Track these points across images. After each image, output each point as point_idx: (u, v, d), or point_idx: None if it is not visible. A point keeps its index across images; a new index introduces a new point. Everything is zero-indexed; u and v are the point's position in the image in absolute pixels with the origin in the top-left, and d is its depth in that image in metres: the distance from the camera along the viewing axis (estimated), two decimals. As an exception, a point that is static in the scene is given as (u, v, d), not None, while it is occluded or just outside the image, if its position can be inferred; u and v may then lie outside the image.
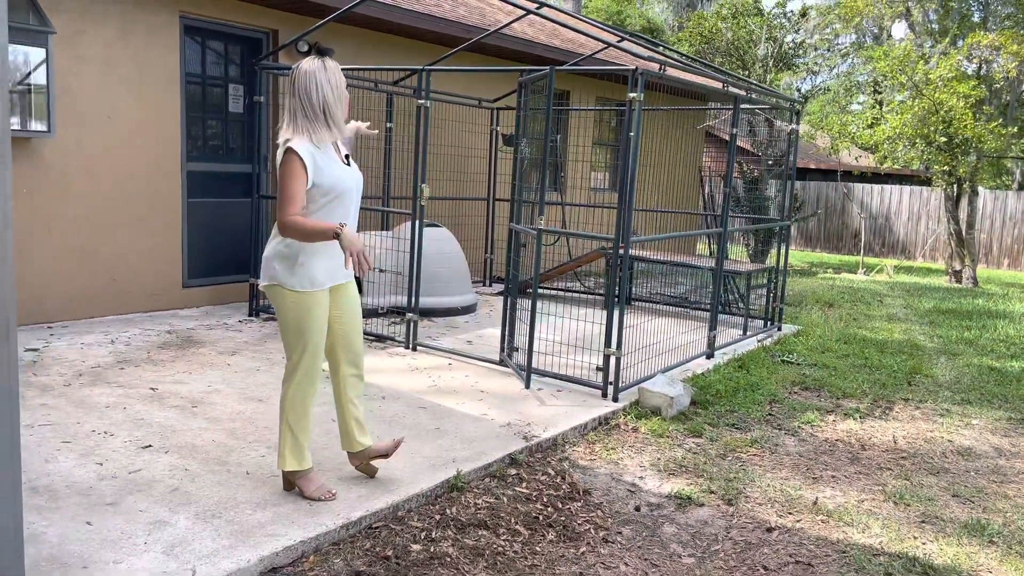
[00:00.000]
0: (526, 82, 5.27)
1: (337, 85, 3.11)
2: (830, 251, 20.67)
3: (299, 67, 3.10)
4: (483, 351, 6.02)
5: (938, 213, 20.00)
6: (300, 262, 3.10)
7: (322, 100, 3.06)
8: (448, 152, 9.19)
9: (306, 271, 3.10)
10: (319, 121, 3.07)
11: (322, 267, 3.14)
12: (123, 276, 6.50)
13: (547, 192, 5.02)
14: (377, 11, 7.51)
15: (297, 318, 3.13)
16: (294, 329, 3.16)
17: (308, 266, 3.10)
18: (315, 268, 3.11)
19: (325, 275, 3.15)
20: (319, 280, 3.14)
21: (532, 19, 12.41)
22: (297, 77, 3.08)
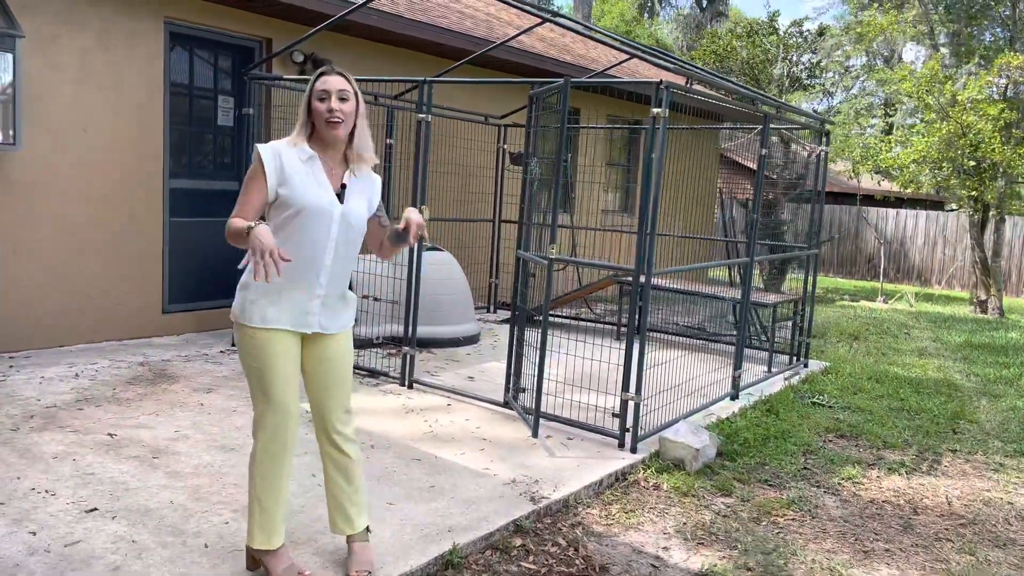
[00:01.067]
0: (538, 95, 4.77)
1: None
2: (844, 276, 20.11)
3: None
4: (486, 389, 5.49)
5: (955, 238, 19.44)
6: (248, 298, 2.64)
7: (304, 110, 2.69)
8: (452, 171, 8.70)
9: (258, 308, 2.63)
10: (305, 131, 2.68)
11: (280, 308, 2.65)
12: (96, 301, 5.99)
13: (558, 215, 4.54)
14: (378, 21, 7.05)
15: (253, 361, 2.65)
16: (253, 374, 2.66)
17: (260, 303, 2.63)
18: (269, 307, 2.64)
19: (285, 317, 2.66)
20: (272, 320, 2.64)
21: (542, 35, 11.98)
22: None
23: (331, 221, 2.63)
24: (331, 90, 2.63)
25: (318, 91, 2.63)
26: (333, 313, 2.75)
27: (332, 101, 2.62)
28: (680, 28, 37.40)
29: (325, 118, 2.61)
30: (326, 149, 2.69)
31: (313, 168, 2.63)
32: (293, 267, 2.57)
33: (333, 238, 2.65)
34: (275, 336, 2.63)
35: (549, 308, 4.82)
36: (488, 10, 11.74)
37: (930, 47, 13.74)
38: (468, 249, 8.93)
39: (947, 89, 10.34)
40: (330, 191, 2.64)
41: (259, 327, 2.62)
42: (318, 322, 2.71)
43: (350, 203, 2.69)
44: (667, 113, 4.30)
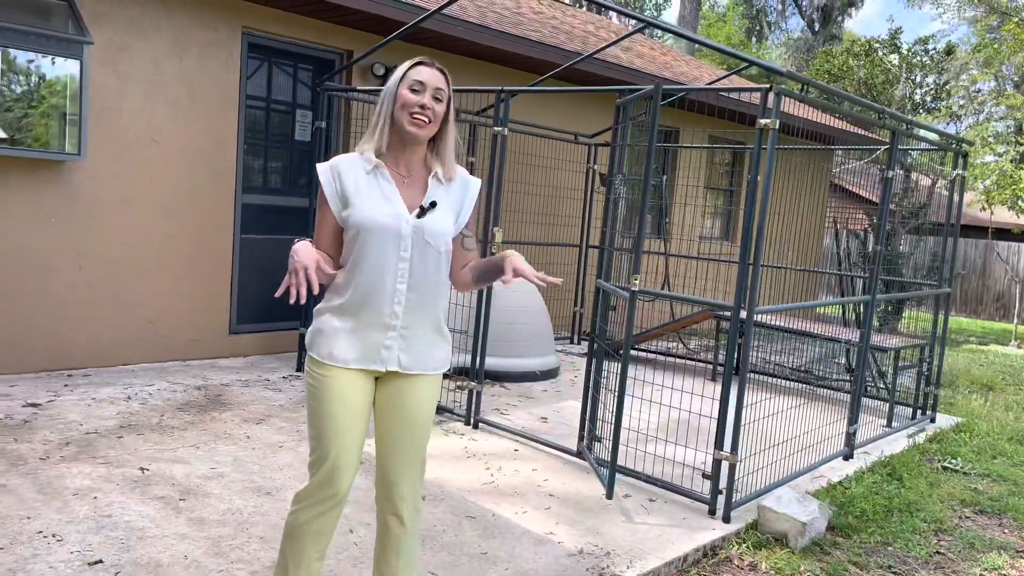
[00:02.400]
0: (625, 104, 4.22)
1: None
2: (968, 315, 18.44)
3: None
4: (560, 433, 4.92)
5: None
6: (319, 328, 2.27)
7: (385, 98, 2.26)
8: (537, 192, 8.21)
9: (326, 339, 2.25)
10: (377, 128, 2.26)
11: (351, 341, 2.24)
12: (161, 319, 5.77)
13: (650, 239, 3.99)
14: (464, 32, 6.67)
15: (313, 399, 2.25)
16: (311, 414, 2.26)
17: (328, 334, 2.25)
18: (339, 338, 2.23)
19: (355, 352, 2.24)
20: (340, 355, 2.23)
21: (641, 52, 11.41)
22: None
23: (400, 239, 2.20)
24: (428, 84, 2.21)
25: (412, 80, 2.21)
26: (418, 350, 2.28)
27: (426, 96, 2.20)
28: (790, 52, 35.98)
29: (411, 112, 2.19)
30: (402, 153, 2.26)
31: (379, 179, 2.23)
32: (362, 295, 2.20)
33: (406, 260, 2.21)
34: (341, 376, 2.22)
35: (634, 343, 4.26)
36: (586, 27, 11.28)
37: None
38: (552, 275, 8.40)
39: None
40: (398, 204, 2.21)
41: (325, 361, 2.23)
42: (396, 358, 2.26)
43: (428, 217, 2.24)
44: (777, 124, 3.66)
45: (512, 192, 7.87)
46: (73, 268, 5.34)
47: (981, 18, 20.41)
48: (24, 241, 5.12)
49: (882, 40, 14.79)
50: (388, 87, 2.22)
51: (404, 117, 2.18)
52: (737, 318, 3.82)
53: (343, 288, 2.22)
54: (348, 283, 2.20)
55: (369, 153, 2.22)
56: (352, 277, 2.20)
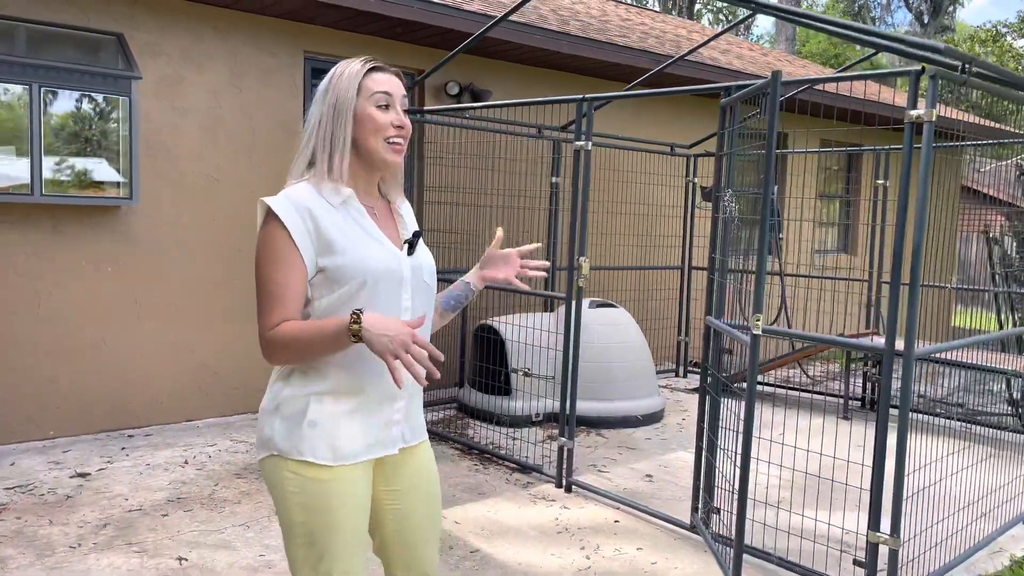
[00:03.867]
0: (732, 103, 3.49)
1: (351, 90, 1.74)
2: None
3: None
4: (668, 496, 4.18)
5: None
6: (310, 419, 1.69)
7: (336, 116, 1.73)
8: (632, 211, 7.49)
9: (323, 433, 1.69)
10: (333, 154, 1.73)
11: (355, 427, 1.73)
12: (227, 370, 5.37)
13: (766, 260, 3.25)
14: (542, 41, 6.07)
15: (306, 516, 1.69)
16: (300, 538, 1.70)
17: (325, 426, 1.70)
18: (340, 428, 1.71)
19: (362, 439, 1.74)
20: (347, 448, 1.71)
21: (740, 53, 10.54)
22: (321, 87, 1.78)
23: (401, 285, 1.75)
24: (395, 94, 1.75)
25: (374, 93, 1.72)
26: (414, 414, 1.87)
27: (397, 111, 1.75)
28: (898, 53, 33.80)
29: (387, 136, 1.73)
30: (365, 181, 1.80)
31: (352, 214, 1.73)
32: (363, 365, 1.70)
33: (408, 309, 1.77)
34: (347, 476, 1.71)
35: (740, 379, 3.52)
36: (677, 32, 10.52)
37: None
38: (651, 302, 7.63)
39: None
40: (387, 242, 1.76)
41: (324, 464, 1.69)
42: (401, 434, 1.82)
43: (419, 253, 1.82)
44: (934, 115, 2.86)
45: (603, 212, 7.19)
46: (132, 319, 4.99)
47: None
48: (80, 293, 4.81)
49: (1011, 24, 13.33)
50: (337, 100, 1.71)
51: (378, 144, 1.72)
52: (891, 362, 3.01)
53: (329, 362, 1.69)
54: (338, 357, 1.68)
55: (333, 184, 1.71)
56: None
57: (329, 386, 1.69)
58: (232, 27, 5.25)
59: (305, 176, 1.71)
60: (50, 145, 4.42)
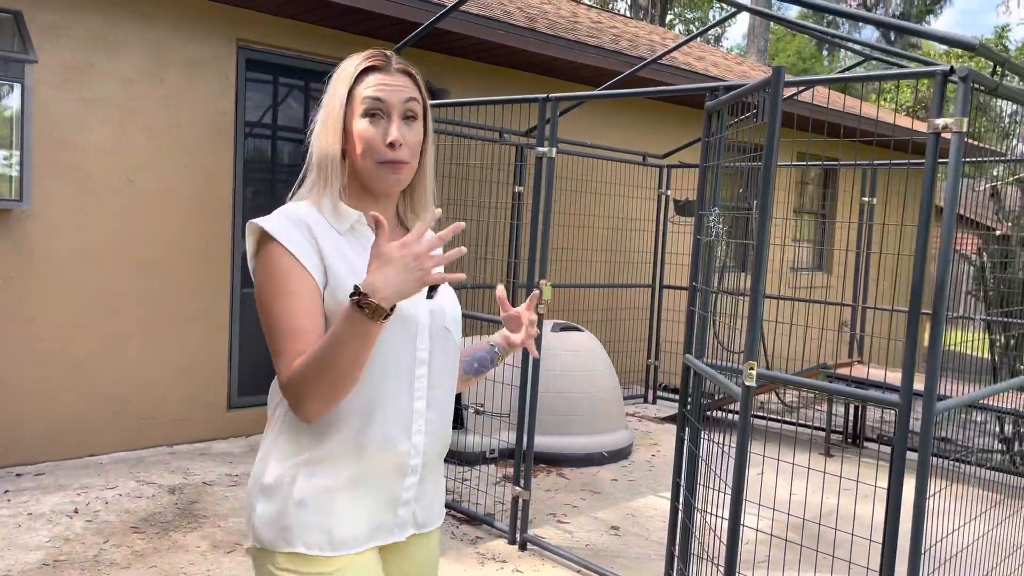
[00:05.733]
0: (720, 107, 2.98)
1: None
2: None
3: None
4: (637, 554, 3.64)
5: None
6: (298, 498, 1.34)
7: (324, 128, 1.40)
8: (602, 224, 6.99)
9: (315, 514, 1.35)
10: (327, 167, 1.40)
11: (356, 505, 1.37)
12: (137, 397, 4.74)
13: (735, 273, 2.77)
14: (506, 37, 5.54)
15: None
16: None
17: (317, 505, 1.34)
18: (337, 506, 1.35)
19: (365, 522, 1.39)
20: (347, 533, 1.37)
21: (713, 59, 10.13)
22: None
23: (417, 333, 1.41)
24: (391, 101, 1.39)
25: (366, 100, 1.38)
26: (430, 494, 1.51)
27: (394, 122, 1.38)
28: (864, 65, 34.07)
29: (380, 156, 1.37)
30: (372, 205, 1.44)
31: (363, 242, 1.41)
32: (364, 427, 1.35)
33: (424, 362, 1.42)
34: (353, 567, 1.36)
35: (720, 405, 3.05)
36: (651, 37, 10.08)
37: None
38: (619, 323, 7.12)
39: None
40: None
41: (324, 555, 1.34)
42: (412, 516, 1.46)
43: (441, 295, 1.49)
44: (964, 125, 2.37)
45: (571, 226, 6.67)
46: (26, 339, 4.34)
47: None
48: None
49: (987, 40, 13.12)
50: (328, 107, 1.39)
51: (368, 164, 1.37)
52: (908, 413, 2.53)
53: (326, 424, 1.34)
54: (335, 414, 1.34)
55: (334, 205, 1.39)
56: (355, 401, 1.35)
57: (326, 450, 1.33)
58: (155, 9, 4.64)
59: (307, 191, 1.41)
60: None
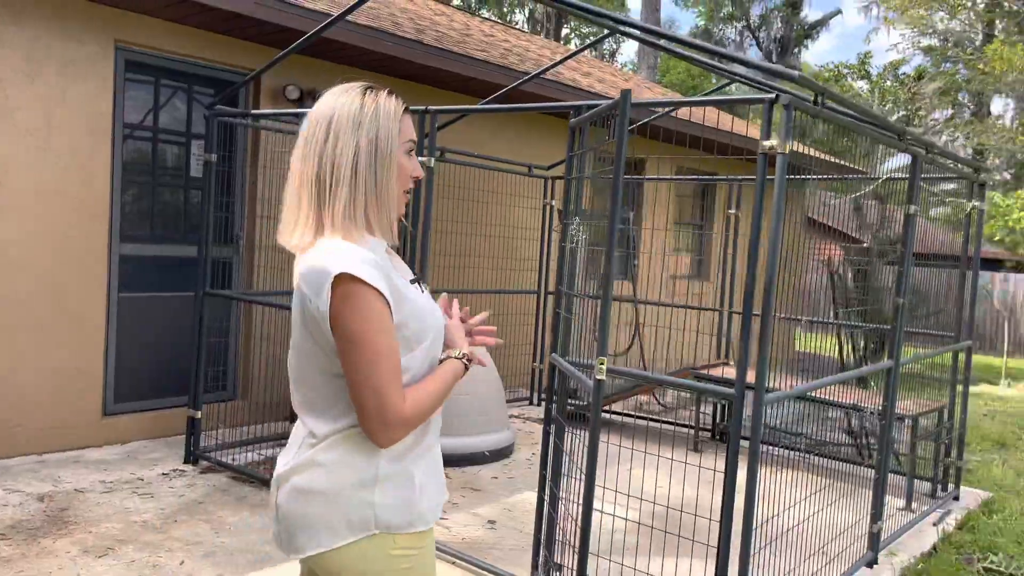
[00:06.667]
0: (582, 124, 3.22)
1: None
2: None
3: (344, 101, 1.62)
4: (511, 545, 3.84)
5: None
6: (420, 483, 1.60)
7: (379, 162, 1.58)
8: (490, 233, 7.19)
9: (428, 495, 1.63)
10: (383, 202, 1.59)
11: (427, 488, 1.64)
12: (8, 404, 4.59)
13: (616, 280, 3.00)
14: (392, 48, 5.67)
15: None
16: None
17: (428, 486, 1.63)
18: (424, 492, 1.62)
19: (435, 500, 1.67)
20: (431, 511, 1.64)
21: (600, 75, 10.55)
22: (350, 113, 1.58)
23: (441, 339, 1.69)
24: (415, 140, 1.68)
25: (409, 141, 1.64)
26: None
27: (414, 158, 1.66)
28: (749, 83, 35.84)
29: (407, 187, 1.64)
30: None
31: (397, 268, 1.65)
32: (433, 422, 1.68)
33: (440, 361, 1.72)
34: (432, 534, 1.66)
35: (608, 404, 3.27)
36: (541, 51, 10.40)
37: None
38: (506, 327, 7.34)
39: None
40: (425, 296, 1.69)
41: (428, 528, 1.63)
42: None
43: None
44: (788, 147, 2.69)
45: (458, 234, 6.85)
46: None
47: (938, 48, 20.12)
48: None
49: (851, 66, 14.20)
50: (379, 142, 1.56)
51: (399, 193, 1.60)
52: (742, 405, 2.81)
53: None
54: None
55: (373, 237, 1.58)
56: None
57: (424, 446, 1.62)
58: (29, 7, 4.53)
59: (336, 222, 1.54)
60: None
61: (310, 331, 1.53)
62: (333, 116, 1.54)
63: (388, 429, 1.48)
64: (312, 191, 1.54)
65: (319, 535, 1.51)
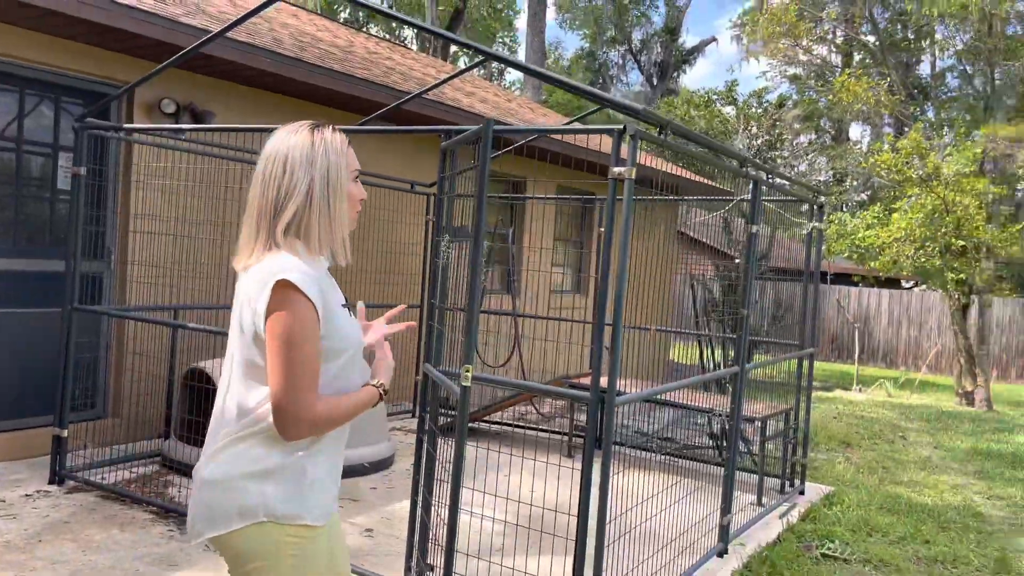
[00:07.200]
0: (452, 147, 3.43)
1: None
2: (808, 358, 19.04)
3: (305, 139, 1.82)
4: (387, 551, 3.96)
5: (919, 318, 18.64)
6: (311, 480, 1.77)
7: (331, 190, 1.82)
8: (376, 248, 7.29)
9: (320, 494, 1.79)
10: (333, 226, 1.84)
11: (331, 483, 1.85)
12: None
13: (500, 295, 3.20)
14: (271, 65, 5.71)
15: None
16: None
17: (322, 485, 1.80)
18: (322, 489, 1.80)
19: (331, 495, 1.85)
20: (327, 506, 1.82)
21: (484, 97, 10.84)
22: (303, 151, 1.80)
23: (356, 361, 1.89)
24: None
25: (356, 171, 1.90)
26: None
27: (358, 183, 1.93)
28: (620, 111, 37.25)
29: (358, 210, 1.92)
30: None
31: (330, 282, 1.85)
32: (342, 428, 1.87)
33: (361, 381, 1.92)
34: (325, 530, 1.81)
35: (478, 417, 3.46)
36: (426, 70, 10.60)
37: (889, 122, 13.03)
38: (390, 341, 7.43)
39: (931, 162, 9.38)
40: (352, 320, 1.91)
41: (319, 525, 1.77)
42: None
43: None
44: (633, 173, 2.97)
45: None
46: None
47: (802, 77, 21.71)
48: None
49: (719, 92, 15.13)
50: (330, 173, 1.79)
51: (350, 215, 1.87)
52: (596, 410, 3.06)
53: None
54: None
55: (315, 255, 1.80)
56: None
57: (319, 446, 1.76)
58: None
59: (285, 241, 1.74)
60: None
61: (244, 330, 1.73)
62: (288, 154, 1.75)
63: (298, 424, 1.66)
64: (269, 218, 1.74)
65: (215, 521, 1.69)
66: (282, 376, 1.65)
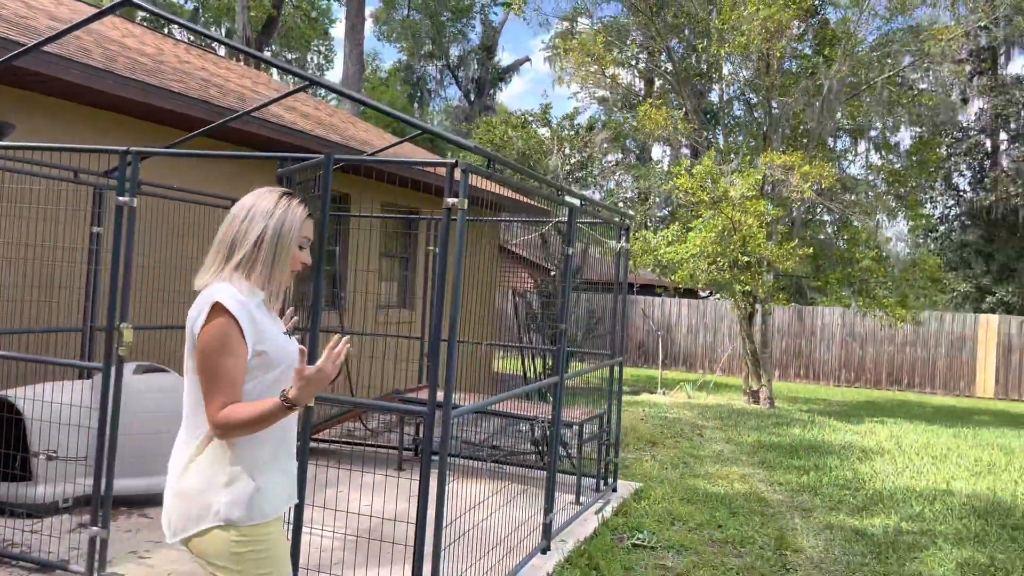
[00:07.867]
0: (289, 175, 3.53)
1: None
2: (618, 365, 20.33)
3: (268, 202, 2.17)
4: None
5: (714, 325, 20.50)
6: (259, 486, 2.09)
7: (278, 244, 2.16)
8: (189, 267, 7.06)
9: (267, 495, 2.11)
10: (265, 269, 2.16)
11: (274, 484, 2.14)
12: None
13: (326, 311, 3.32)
14: (80, 76, 5.46)
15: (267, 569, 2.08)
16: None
17: (270, 488, 2.12)
18: (270, 487, 2.12)
19: (281, 493, 2.19)
20: (282, 497, 2.18)
21: (305, 112, 10.75)
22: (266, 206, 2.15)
23: (287, 378, 2.13)
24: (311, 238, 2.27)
25: (303, 237, 2.19)
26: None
27: (305, 249, 2.23)
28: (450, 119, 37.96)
29: (296, 269, 2.22)
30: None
31: (265, 310, 2.16)
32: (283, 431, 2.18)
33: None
34: (279, 526, 2.18)
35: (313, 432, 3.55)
36: (242, 82, 10.35)
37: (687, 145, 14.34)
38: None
39: (721, 185, 10.49)
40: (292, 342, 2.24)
41: (271, 519, 2.13)
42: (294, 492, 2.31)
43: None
44: (466, 204, 3.24)
45: (158, 267, 6.65)
46: None
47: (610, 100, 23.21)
48: None
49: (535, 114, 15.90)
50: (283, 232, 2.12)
51: (288, 272, 2.18)
52: (432, 421, 3.28)
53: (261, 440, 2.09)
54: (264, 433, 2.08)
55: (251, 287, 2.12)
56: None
57: (260, 452, 2.07)
58: None
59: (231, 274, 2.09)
60: None
61: (190, 348, 2.04)
62: (254, 206, 2.10)
63: (213, 427, 2.00)
64: (226, 251, 2.09)
65: (182, 524, 2.03)
66: (203, 383, 1.99)
